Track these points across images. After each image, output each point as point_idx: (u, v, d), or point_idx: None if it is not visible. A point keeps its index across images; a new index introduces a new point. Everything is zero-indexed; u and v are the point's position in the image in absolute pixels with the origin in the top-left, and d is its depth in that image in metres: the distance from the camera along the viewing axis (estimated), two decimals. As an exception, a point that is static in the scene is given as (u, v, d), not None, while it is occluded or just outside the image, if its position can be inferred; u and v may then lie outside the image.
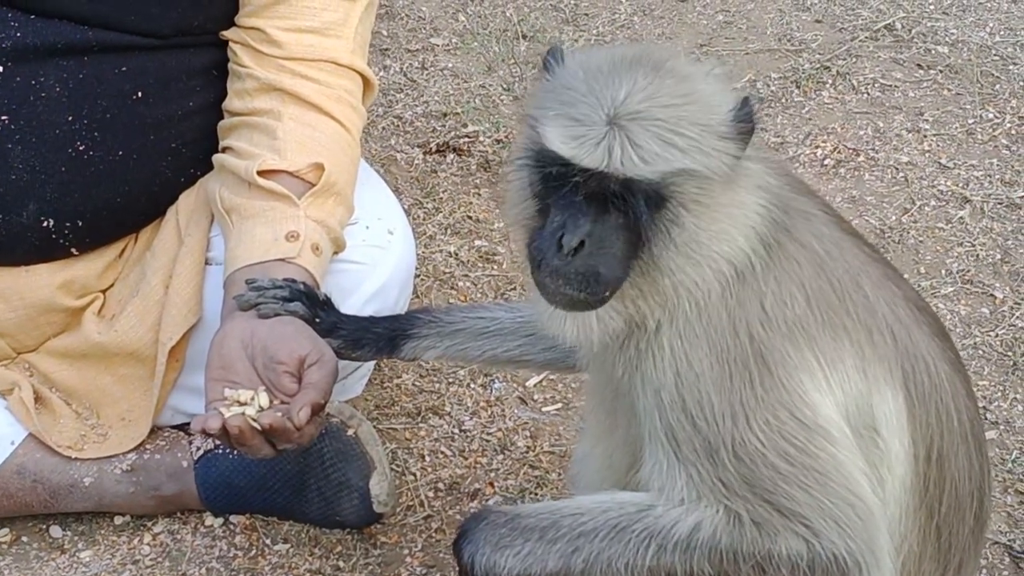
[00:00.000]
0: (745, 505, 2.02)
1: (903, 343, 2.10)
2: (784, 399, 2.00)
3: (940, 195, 4.21)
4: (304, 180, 2.79)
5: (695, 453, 2.03)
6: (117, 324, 2.95)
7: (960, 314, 3.69)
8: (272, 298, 2.57)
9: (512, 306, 2.64)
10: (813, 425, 2.00)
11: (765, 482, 2.00)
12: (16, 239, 2.83)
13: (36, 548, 2.97)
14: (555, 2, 5.45)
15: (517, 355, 2.60)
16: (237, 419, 2.40)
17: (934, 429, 2.10)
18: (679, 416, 2.03)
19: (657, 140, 1.90)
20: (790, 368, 2.01)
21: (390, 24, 5.26)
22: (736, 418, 1.99)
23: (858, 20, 5.24)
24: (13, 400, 2.91)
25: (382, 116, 4.62)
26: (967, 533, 2.19)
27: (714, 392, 2.00)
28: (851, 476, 2.02)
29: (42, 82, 2.76)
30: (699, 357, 2.02)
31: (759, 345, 2.01)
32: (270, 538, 2.99)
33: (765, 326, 2.01)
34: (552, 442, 3.27)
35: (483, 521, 2.15)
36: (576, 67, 1.99)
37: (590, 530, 2.08)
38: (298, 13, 2.87)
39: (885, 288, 2.12)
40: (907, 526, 2.11)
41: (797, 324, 2.02)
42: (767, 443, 1.99)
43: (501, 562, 2.10)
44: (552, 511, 2.13)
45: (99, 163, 2.84)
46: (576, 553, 2.08)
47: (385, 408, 3.35)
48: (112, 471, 2.94)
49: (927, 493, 2.11)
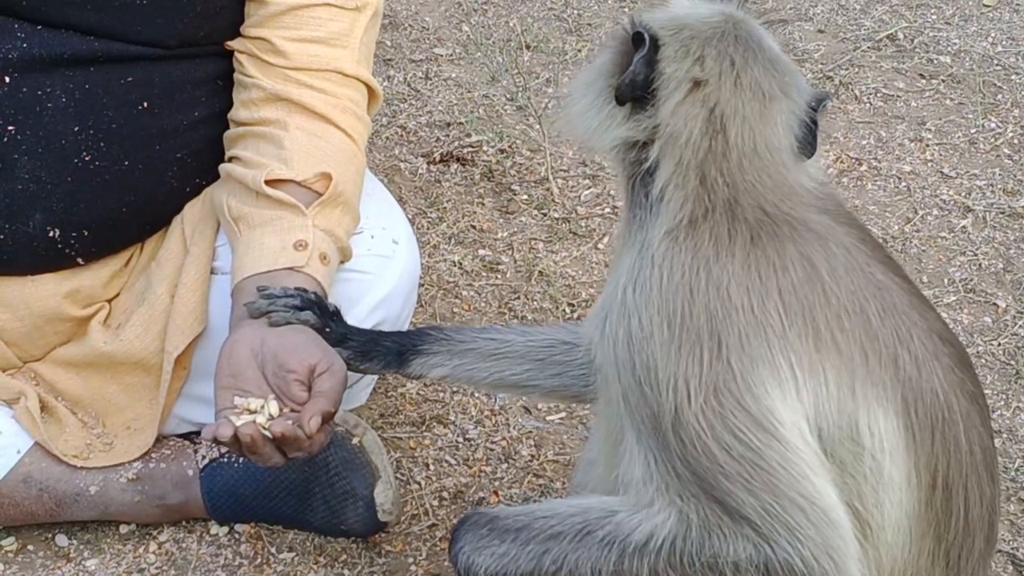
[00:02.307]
0: (696, 506, 2.01)
1: (907, 372, 2.07)
2: (732, 387, 1.98)
3: (942, 204, 4.22)
4: (311, 190, 2.80)
5: (644, 425, 2.03)
6: (123, 333, 2.95)
7: (962, 323, 3.70)
8: (283, 306, 2.58)
9: (525, 329, 2.64)
10: (762, 421, 1.98)
11: (708, 476, 1.99)
12: (22, 249, 2.84)
13: (42, 557, 2.98)
14: (558, 12, 5.46)
15: (524, 379, 2.59)
16: (248, 427, 2.40)
17: (939, 459, 2.08)
18: (629, 379, 2.05)
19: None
20: (747, 359, 1.99)
21: (394, 34, 5.27)
22: (678, 391, 1.99)
23: (860, 30, 5.25)
24: (19, 409, 2.91)
25: (386, 126, 4.63)
26: (977, 557, 2.18)
27: (660, 355, 2.00)
28: (803, 478, 1.99)
29: (48, 92, 2.77)
30: (650, 314, 2.02)
31: (715, 323, 2.00)
32: (275, 547, 3.00)
33: (725, 308, 2.00)
34: (556, 451, 3.28)
35: (467, 522, 2.20)
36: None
37: (559, 533, 2.11)
38: (303, 23, 2.88)
39: (900, 317, 2.09)
40: (914, 552, 2.10)
41: (769, 324, 2.00)
42: (707, 429, 1.98)
43: (479, 561, 2.15)
44: (528, 513, 2.17)
45: (105, 173, 2.84)
46: (546, 555, 2.11)
47: (390, 417, 3.36)
48: (118, 480, 2.95)
49: (937, 520, 2.10)
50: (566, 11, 5.48)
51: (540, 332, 2.61)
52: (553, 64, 5.06)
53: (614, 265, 2.22)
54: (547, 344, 2.57)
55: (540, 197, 4.24)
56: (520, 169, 4.38)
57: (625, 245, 2.15)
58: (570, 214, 4.16)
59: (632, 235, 2.13)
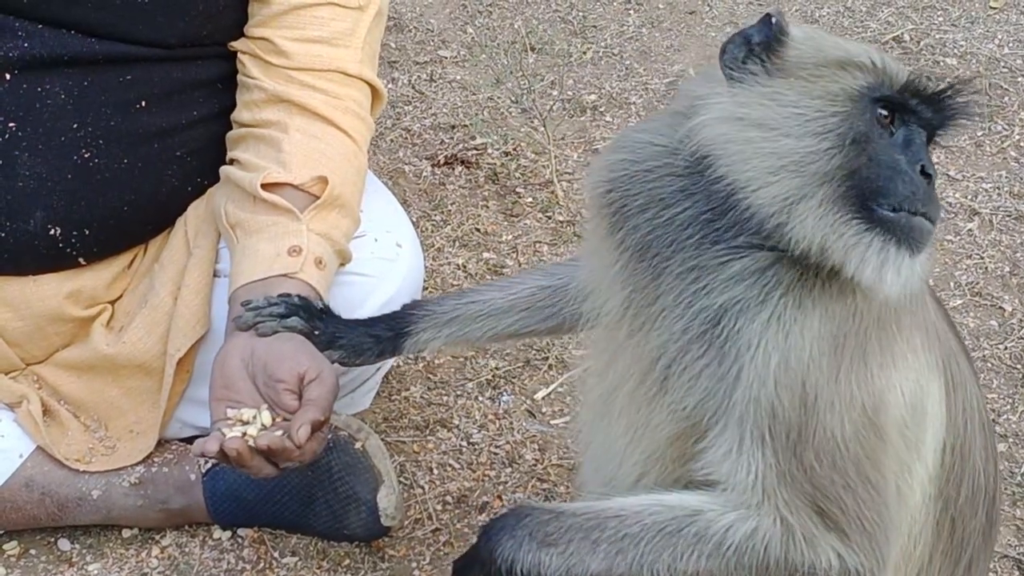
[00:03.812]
0: (799, 518, 2.00)
1: (943, 337, 2.12)
2: (867, 400, 1.98)
3: (949, 207, 4.21)
4: (308, 193, 2.79)
5: (775, 435, 1.99)
6: (125, 336, 2.95)
7: (969, 327, 3.69)
8: (268, 316, 2.57)
9: (502, 285, 2.63)
10: (883, 432, 1.99)
11: (828, 490, 1.98)
12: (23, 248, 2.83)
13: (44, 561, 2.97)
14: (563, 14, 5.46)
15: (517, 329, 2.59)
16: (234, 441, 2.40)
17: (959, 418, 2.11)
18: (771, 394, 1.98)
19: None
20: (878, 365, 1.99)
21: (398, 36, 5.27)
22: (832, 410, 1.96)
23: (867, 32, 5.24)
24: (21, 413, 2.91)
25: (390, 128, 4.62)
26: (979, 530, 2.18)
27: (819, 375, 1.97)
28: (893, 491, 2.02)
29: (48, 90, 2.76)
30: (811, 327, 1.98)
31: (866, 333, 1.99)
32: (278, 551, 2.99)
33: (867, 313, 2.00)
34: (560, 455, 3.27)
35: (526, 517, 2.10)
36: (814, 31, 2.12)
37: (635, 533, 2.05)
38: (306, 23, 2.87)
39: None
40: (923, 516, 2.11)
41: (884, 319, 2.01)
42: (848, 450, 1.97)
43: (546, 560, 2.06)
44: (597, 512, 2.09)
45: (104, 171, 2.84)
46: (620, 556, 2.05)
47: (393, 421, 3.35)
48: (120, 484, 2.94)
49: (947, 483, 2.11)
50: (571, 13, 5.47)
51: (519, 283, 2.60)
52: (558, 66, 5.06)
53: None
54: (528, 294, 2.57)
55: (545, 200, 4.24)
56: (525, 172, 4.37)
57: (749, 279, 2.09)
58: (575, 217, 4.15)
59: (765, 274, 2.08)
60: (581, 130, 4.68)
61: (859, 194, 1.93)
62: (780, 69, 2.00)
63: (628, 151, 2.16)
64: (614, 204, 2.14)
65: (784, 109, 1.97)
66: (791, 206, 1.93)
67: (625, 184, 2.13)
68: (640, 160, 2.13)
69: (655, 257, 2.08)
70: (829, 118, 1.96)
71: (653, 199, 2.09)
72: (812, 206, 1.93)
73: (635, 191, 2.11)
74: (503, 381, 3.50)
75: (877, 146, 1.96)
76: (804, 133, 1.95)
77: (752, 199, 1.96)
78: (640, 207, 2.10)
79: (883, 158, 1.95)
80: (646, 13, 5.54)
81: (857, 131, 1.95)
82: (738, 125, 1.98)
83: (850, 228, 1.92)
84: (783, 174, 1.94)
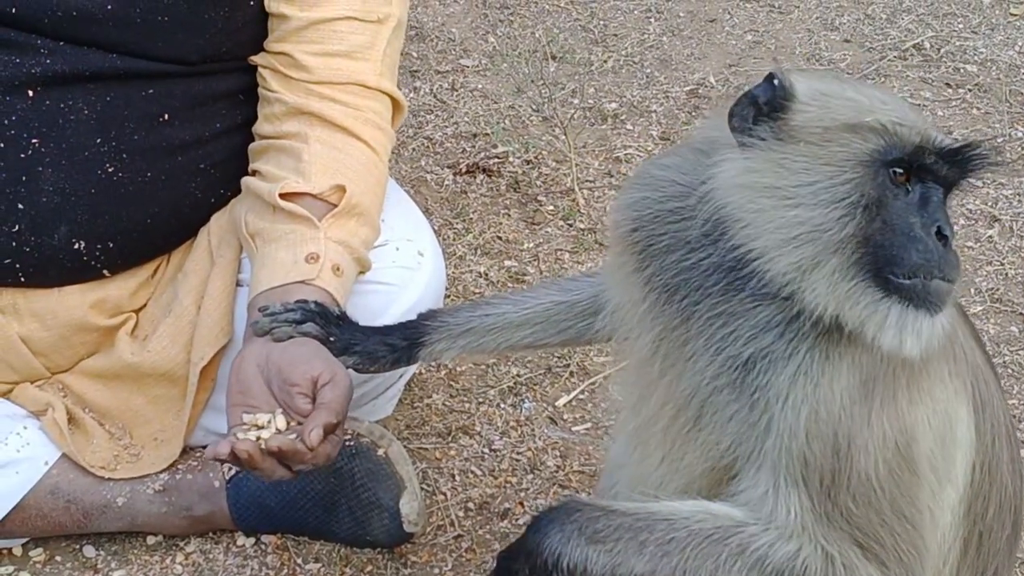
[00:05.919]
0: (839, 547, 2.00)
1: (969, 355, 2.11)
2: (900, 439, 1.98)
3: (969, 214, 4.21)
4: (327, 202, 2.81)
5: (809, 481, 2.00)
6: (150, 345, 2.97)
7: (989, 333, 3.69)
8: (284, 321, 2.59)
9: (516, 299, 2.63)
10: (916, 466, 1.99)
11: (865, 527, 1.99)
12: (48, 261, 2.85)
13: (69, 568, 2.99)
14: (584, 23, 5.47)
15: (532, 342, 2.60)
16: (245, 444, 2.41)
17: (987, 436, 2.10)
18: (802, 445, 1.98)
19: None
20: (907, 401, 2.00)
21: (420, 46, 5.29)
22: (866, 454, 1.96)
23: (887, 40, 5.24)
24: (47, 421, 2.93)
25: (412, 137, 4.64)
26: (1004, 539, 2.18)
27: (851, 423, 1.97)
28: (928, 521, 2.02)
29: (71, 105, 2.78)
30: (840, 378, 1.98)
31: (895, 374, 1.99)
32: (301, 557, 3.00)
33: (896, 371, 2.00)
34: (582, 462, 3.28)
35: (577, 512, 2.09)
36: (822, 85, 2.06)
37: (682, 537, 2.05)
38: (326, 37, 2.89)
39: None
40: (952, 534, 2.11)
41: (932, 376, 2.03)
42: (880, 486, 1.98)
43: (593, 557, 2.05)
44: (648, 514, 2.09)
45: (128, 184, 2.86)
46: (665, 559, 2.04)
47: (415, 428, 3.37)
48: (144, 491, 2.96)
49: (976, 500, 2.11)
50: (592, 22, 5.49)
51: (533, 298, 2.60)
52: (579, 75, 5.07)
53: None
54: (543, 308, 2.57)
55: (566, 208, 4.25)
56: (546, 180, 4.39)
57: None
58: (596, 225, 4.16)
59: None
60: (602, 138, 4.69)
61: (873, 261, 1.93)
62: (788, 134, 1.99)
63: (651, 189, 2.16)
64: (639, 243, 2.15)
65: (795, 176, 1.96)
66: (805, 274, 1.94)
67: (650, 224, 2.14)
68: (663, 200, 2.13)
69: (684, 300, 2.08)
70: (840, 186, 1.95)
71: (679, 241, 2.10)
72: (826, 274, 1.93)
73: (660, 231, 2.12)
74: (525, 388, 3.51)
75: (891, 209, 1.95)
76: (816, 202, 1.94)
77: (767, 266, 1.97)
78: (666, 248, 2.11)
79: (897, 223, 1.94)
80: (666, 21, 5.56)
81: (869, 197, 1.94)
82: (750, 193, 1.98)
83: (866, 296, 1.93)
84: (796, 243, 1.94)
